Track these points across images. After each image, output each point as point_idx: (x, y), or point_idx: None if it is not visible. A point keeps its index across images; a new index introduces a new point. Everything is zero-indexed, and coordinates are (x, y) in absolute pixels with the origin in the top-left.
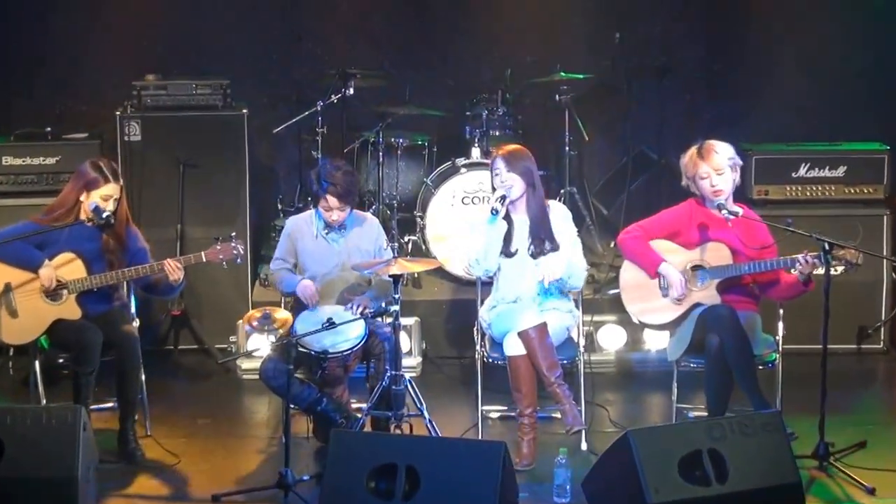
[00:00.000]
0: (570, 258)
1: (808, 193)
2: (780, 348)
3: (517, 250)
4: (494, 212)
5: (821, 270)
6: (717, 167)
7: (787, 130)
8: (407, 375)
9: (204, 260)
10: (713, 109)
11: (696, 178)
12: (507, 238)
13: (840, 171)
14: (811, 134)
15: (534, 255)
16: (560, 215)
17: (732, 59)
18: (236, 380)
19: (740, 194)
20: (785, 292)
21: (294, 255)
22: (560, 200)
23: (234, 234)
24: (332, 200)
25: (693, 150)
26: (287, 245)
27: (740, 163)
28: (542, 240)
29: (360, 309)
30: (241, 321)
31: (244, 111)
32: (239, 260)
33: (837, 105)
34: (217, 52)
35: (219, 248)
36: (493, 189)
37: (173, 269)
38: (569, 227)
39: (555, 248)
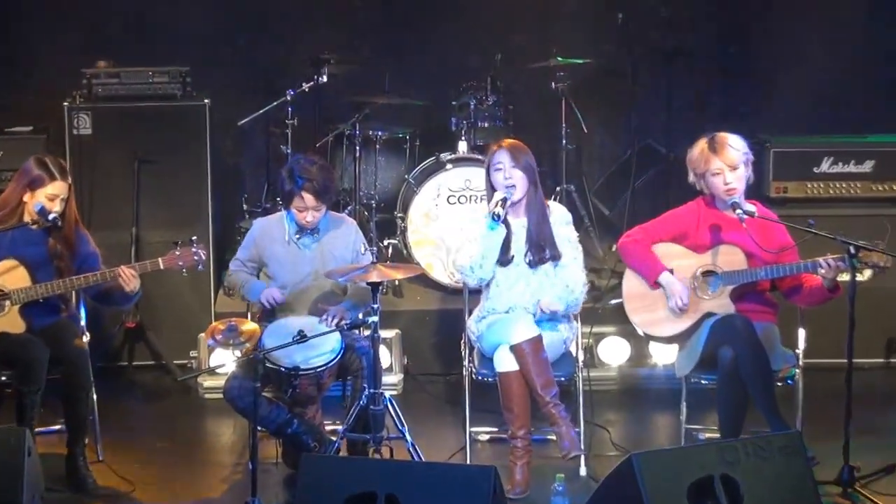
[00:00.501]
0: (565, 273)
1: (832, 191)
2: (801, 362)
3: (513, 257)
4: (496, 217)
5: (846, 276)
6: (731, 163)
7: (808, 121)
8: (387, 394)
9: (161, 267)
10: (727, 97)
11: (708, 174)
12: (504, 244)
13: (867, 166)
14: (835, 125)
15: (532, 265)
16: (559, 218)
17: (748, 41)
18: (197, 399)
19: (756, 191)
20: (810, 298)
21: (257, 262)
22: (556, 199)
23: (194, 238)
24: (309, 198)
25: (703, 143)
26: (251, 250)
27: (752, 158)
28: (542, 247)
29: (336, 321)
30: (202, 334)
31: (206, 101)
32: (200, 266)
33: (864, 93)
34: (175, 36)
35: (178, 253)
36: (491, 188)
37: (128, 278)
38: (569, 232)
39: (555, 256)
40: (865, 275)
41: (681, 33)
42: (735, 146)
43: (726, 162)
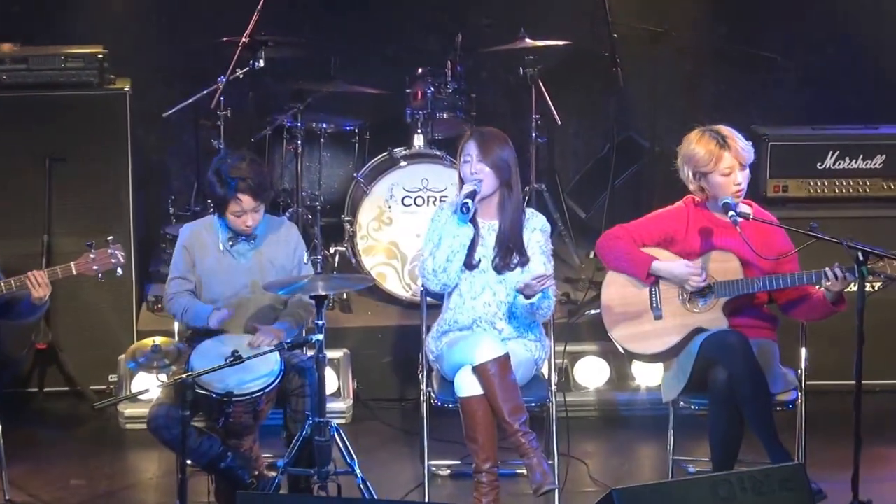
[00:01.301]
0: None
1: (838, 189)
2: (804, 384)
3: (480, 262)
4: (465, 209)
5: (854, 287)
6: (743, 160)
7: (810, 110)
8: (334, 422)
9: (74, 272)
10: (719, 83)
11: (716, 174)
12: (470, 247)
13: (877, 162)
14: (841, 114)
15: (498, 269)
16: (535, 224)
17: (744, 20)
18: (117, 430)
19: (752, 190)
20: (810, 312)
21: (194, 272)
22: (525, 200)
23: (110, 237)
24: (247, 199)
25: (706, 139)
26: (185, 260)
27: None
28: (511, 250)
29: (268, 342)
30: (123, 356)
31: (126, 89)
32: (119, 270)
33: (875, 78)
34: (90, 14)
35: (92, 256)
36: (461, 181)
37: (38, 284)
38: (543, 240)
39: (524, 262)
40: (876, 285)
41: (667, 11)
42: (742, 140)
43: (739, 159)
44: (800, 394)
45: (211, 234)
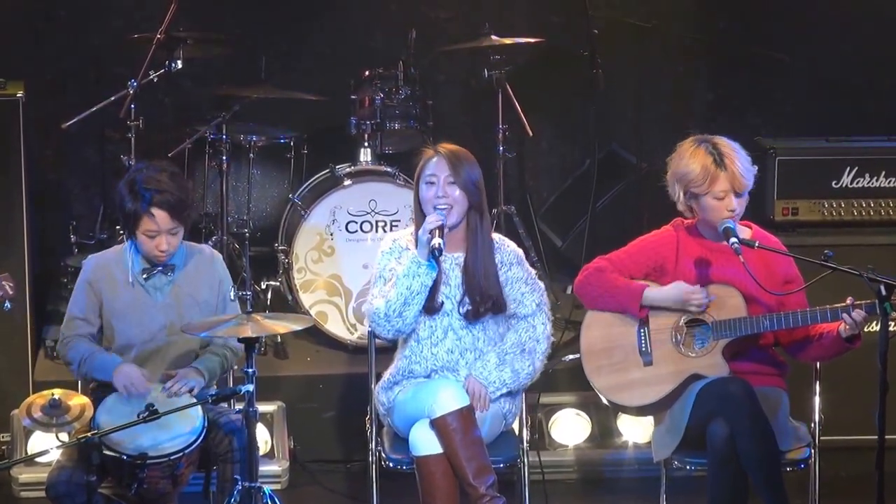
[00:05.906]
0: (524, 327)
1: (856, 212)
2: (818, 440)
3: (442, 304)
4: (436, 252)
5: (875, 326)
6: (739, 186)
7: (824, 119)
8: (267, 488)
9: None
10: (716, 87)
11: (709, 196)
12: (432, 286)
13: None
14: (860, 124)
15: (468, 317)
16: (508, 258)
17: (745, 13)
18: (11, 498)
19: (757, 213)
20: (823, 352)
21: (99, 314)
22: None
23: None
24: (162, 217)
25: (701, 154)
26: (89, 298)
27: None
28: (485, 294)
29: (191, 389)
30: (16, 411)
31: (18, 95)
32: (8, 304)
33: None
34: None
35: None
36: (419, 208)
37: None
38: (523, 272)
39: (499, 306)
40: None
41: (656, 3)
42: (743, 160)
43: (734, 184)
44: (813, 451)
45: (120, 267)
